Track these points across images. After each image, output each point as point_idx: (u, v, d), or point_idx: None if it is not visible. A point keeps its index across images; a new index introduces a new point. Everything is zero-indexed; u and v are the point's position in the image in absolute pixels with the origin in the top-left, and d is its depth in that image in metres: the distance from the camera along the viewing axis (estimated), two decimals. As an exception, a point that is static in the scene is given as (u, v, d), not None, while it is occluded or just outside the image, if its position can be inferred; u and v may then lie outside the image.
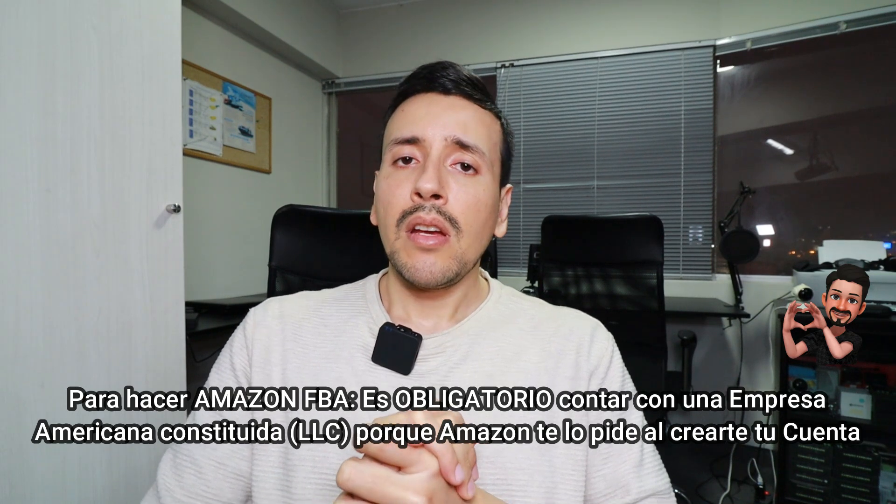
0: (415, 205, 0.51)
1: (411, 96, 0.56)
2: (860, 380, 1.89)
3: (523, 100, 2.89)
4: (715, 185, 2.57)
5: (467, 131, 0.53)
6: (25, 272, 1.03)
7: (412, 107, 0.55)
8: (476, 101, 0.56)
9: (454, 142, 0.52)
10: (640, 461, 0.54)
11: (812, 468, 1.88)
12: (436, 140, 0.52)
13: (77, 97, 1.12)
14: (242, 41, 2.61)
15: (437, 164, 0.51)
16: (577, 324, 0.59)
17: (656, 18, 2.65)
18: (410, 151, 0.53)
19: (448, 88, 0.55)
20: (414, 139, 0.52)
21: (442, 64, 0.56)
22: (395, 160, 0.53)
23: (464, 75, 0.56)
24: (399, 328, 0.54)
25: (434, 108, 0.54)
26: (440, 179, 0.50)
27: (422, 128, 0.52)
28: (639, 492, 0.53)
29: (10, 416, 1.01)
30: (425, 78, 0.55)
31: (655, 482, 0.54)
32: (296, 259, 1.06)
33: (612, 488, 0.53)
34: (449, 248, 0.52)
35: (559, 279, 1.93)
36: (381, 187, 0.54)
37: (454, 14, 3.05)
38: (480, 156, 0.53)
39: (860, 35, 2.33)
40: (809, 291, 1.97)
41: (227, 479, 0.52)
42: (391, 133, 0.55)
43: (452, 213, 0.51)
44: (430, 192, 0.49)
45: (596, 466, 0.53)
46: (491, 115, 0.57)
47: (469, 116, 0.54)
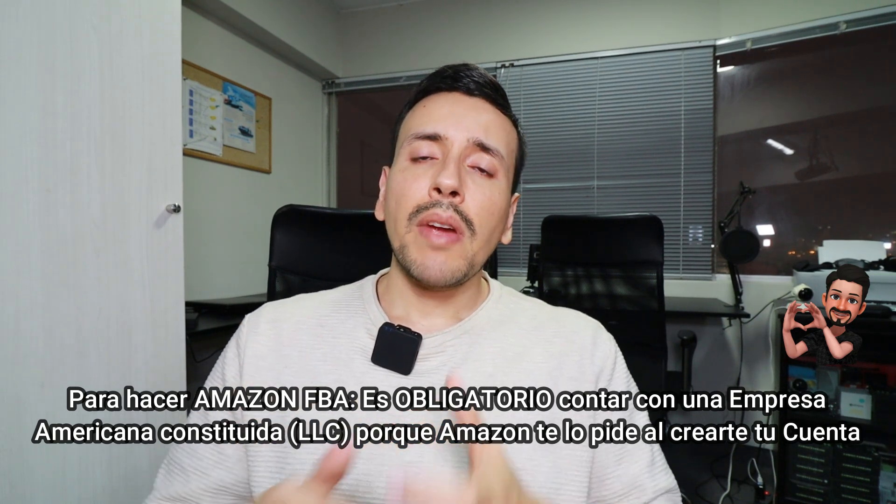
0: (432, 200, 0.50)
1: (434, 93, 0.56)
2: (860, 380, 1.89)
3: (523, 100, 2.89)
4: (715, 185, 2.57)
5: (489, 134, 0.53)
6: (25, 272, 1.03)
7: (435, 104, 0.55)
8: (498, 105, 0.56)
9: (476, 143, 0.52)
10: (652, 460, 0.55)
11: (812, 468, 1.88)
12: (458, 139, 0.52)
13: (77, 97, 1.12)
14: (242, 41, 2.61)
15: (458, 162, 0.51)
16: (579, 325, 0.59)
17: (656, 18, 2.65)
18: (430, 148, 0.52)
19: (472, 90, 0.54)
20: (436, 136, 0.52)
21: (466, 65, 0.56)
22: (413, 155, 0.53)
23: (488, 79, 0.56)
24: (399, 328, 0.53)
25: (458, 108, 0.53)
26: (460, 177, 0.50)
27: (444, 126, 0.52)
28: (654, 491, 0.54)
29: (10, 416, 1.01)
30: (450, 77, 0.55)
31: (666, 480, 0.55)
32: (296, 259, 1.06)
33: (627, 488, 0.53)
34: (461, 247, 0.51)
35: (559, 279, 1.93)
36: (397, 180, 0.53)
37: (454, 14, 3.05)
38: (500, 160, 0.53)
39: (860, 35, 2.33)
40: (809, 291, 1.97)
41: (208, 488, 0.53)
42: (411, 128, 0.55)
43: (468, 213, 0.51)
44: (449, 188, 0.49)
45: (609, 467, 0.54)
46: (510, 121, 0.57)
47: (491, 120, 0.54)
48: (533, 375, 0.54)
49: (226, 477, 0.54)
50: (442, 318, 0.57)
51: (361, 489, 0.47)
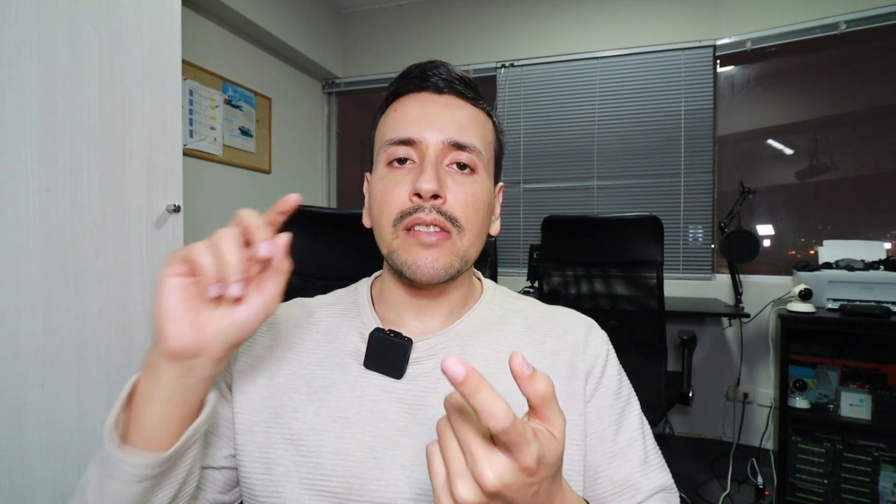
0: (414, 205, 0.50)
1: (403, 96, 0.55)
2: (860, 380, 1.89)
3: (523, 100, 2.89)
4: (715, 185, 2.57)
5: (463, 131, 0.52)
6: (25, 272, 1.03)
7: (405, 107, 0.54)
8: (469, 99, 0.55)
9: (451, 143, 0.52)
10: (645, 458, 0.54)
11: (812, 468, 1.88)
12: (433, 141, 0.51)
13: (77, 97, 1.12)
14: (242, 41, 2.61)
15: (436, 165, 0.51)
16: (572, 323, 0.59)
17: (656, 18, 2.65)
18: (406, 152, 0.52)
19: (441, 87, 0.54)
20: (410, 140, 0.51)
21: (433, 63, 0.55)
22: (389, 161, 0.53)
23: (455, 74, 0.55)
24: (389, 333, 0.53)
25: (429, 108, 0.53)
26: (439, 179, 0.50)
27: (418, 129, 0.52)
28: (648, 489, 0.53)
29: (11, 416, 1.01)
30: (417, 77, 0.55)
31: (661, 478, 0.54)
32: (295, 259, 1.05)
33: (620, 487, 0.53)
34: (451, 244, 0.51)
35: (559, 279, 1.93)
36: (377, 188, 0.53)
37: (454, 14, 3.05)
38: (477, 155, 0.53)
39: (860, 35, 2.33)
40: (809, 291, 1.98)
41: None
42: (384, 133, 0.54)
43: (453, 213, 0.51)
44: (430, 192, 0.49)
45: (601, 466, 0.53)
46: (484, 113, 0.57)
47: (464, 116, 0.53)
48: None
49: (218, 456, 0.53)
50: (436, 318, 0.56)
51: (355, 492, 0.47)
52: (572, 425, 0.52)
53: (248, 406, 0.52)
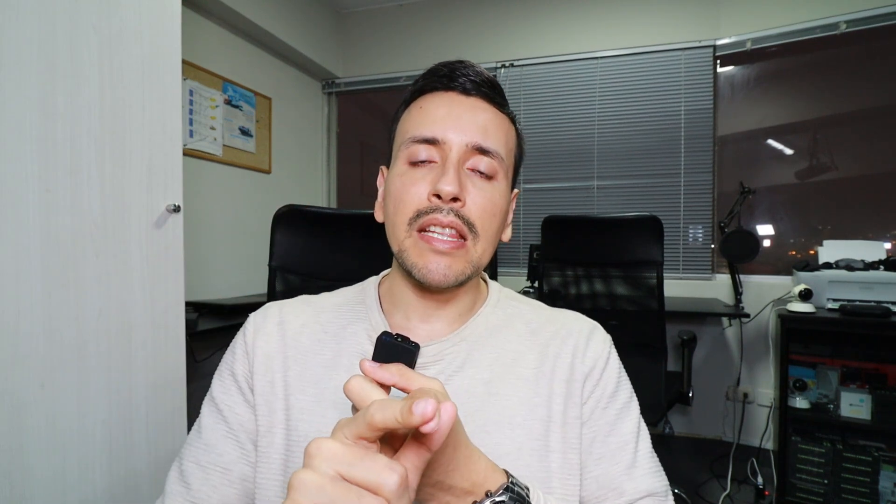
0: (432, 206, 0.50)
1: (429, 93, 0.54)
2: (860, 380, 1.89)
3: (523, 100, 2.89)
4: (715, 185, 2.57)
5: (487, 136, 0.52)
6: (25, 272, 1.03)
7: (431, 105, 0.53)
8: (496, 104, 0.54)
9: (474, 147, 0.51)
10: (633, 462, 0.53)
11: (812, 468, 1.88)
12: (456, 143, 0.51)
13: (77, 97, 1.12)
14: (242, 41, 2.61)
15: (458, 167, 0.50)
16: (575, 326, 0.58)
17: (656, 18, 2.65)
18: (428, 152, 0.51)
19: (469, 89, 0.53)
20: (434, 140, 0.51)
21: (462, 63, 0.54)
22: (410, 159, 0.52)
23: (485, 76, 0.54)
24: (397, 337, 0.53)
25: (455, 110, 0.52)
26: (460, 183, 0.49)
27: (442, 129, 0.51)
28: (633, 493, 0.51)
29: (10, 416, 1.00)
30: (446, 76, 0.53)
31: (651, 483, 0.53)
32: (296, 259, 1.06)
33: (604, 490, 0.52)
34: (465, 253, 0.51)
35: (559, 279, 1.93)
36: (395, 184, 0.53)
37: (454, 14, 3.05)
38: (499, 161, 0.53)
39: (860, 35, 2.33)
40: (809, 291, 1.97)
41: (232, 484, 0.52)
42: (408, 130, 0.53)
43: (470, 217, 0.50)
44: (450, 194, 0.48)
45: (588, 468, 0.53)
46: (508, 119, 0.56)
47: (489, 120, 0.53)
48: (527, 381, 0.53)
49: (247, 471, 0.53)
50: (443, 321, 0.56)
51: None
52: (571, 428, 0.52)
53: (266, 408, 0.53)
